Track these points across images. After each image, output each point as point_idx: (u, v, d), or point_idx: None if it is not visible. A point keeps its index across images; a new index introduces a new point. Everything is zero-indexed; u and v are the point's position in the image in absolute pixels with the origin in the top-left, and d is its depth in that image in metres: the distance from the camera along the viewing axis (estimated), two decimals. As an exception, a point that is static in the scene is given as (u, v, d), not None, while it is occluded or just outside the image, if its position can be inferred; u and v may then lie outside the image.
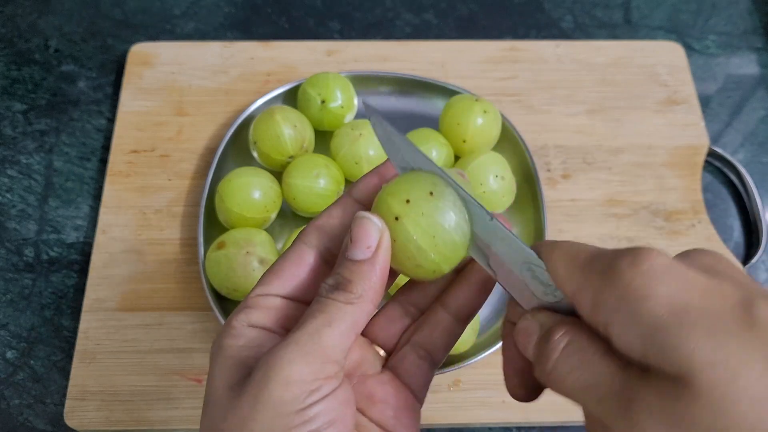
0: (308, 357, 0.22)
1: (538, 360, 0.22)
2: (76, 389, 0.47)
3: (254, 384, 0.22)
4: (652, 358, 0.18)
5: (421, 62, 0.60)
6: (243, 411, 0.21)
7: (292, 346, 0.22)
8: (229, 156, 0.54)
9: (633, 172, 0.56)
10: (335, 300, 0.23)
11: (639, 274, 0.19)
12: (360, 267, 0.23)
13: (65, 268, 0.52)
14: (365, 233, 0.23)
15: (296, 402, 0.21)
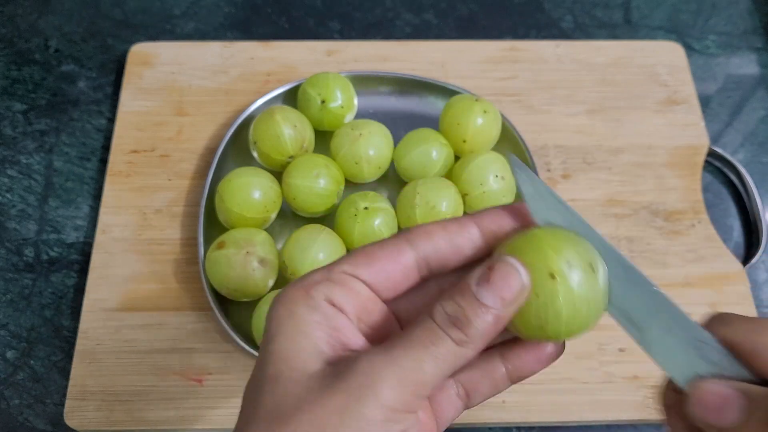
0: (407, 385, 0.21)
1: None
2: (76, 389, 0.47)
3: (347, 392, 0.21)
4: None
5: (421, 62, 0.60)
6: (324, 412, 0.20)
7: (396, 368, 0.21)
8: (229, 156, 0.54)
9: (633, 172, 0.56)
10: (448, 336, 0.21)
11: None
12: (485, 313, 0.21)
13: (65, 268, 0.52)
14: (507, 283, 0.22)
15: (384, 424, 0.20)
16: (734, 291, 0.51)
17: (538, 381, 0.47)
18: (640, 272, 0.23)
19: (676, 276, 0.51)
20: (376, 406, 0.20)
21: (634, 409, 0.47)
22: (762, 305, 0.52)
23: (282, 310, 0.23)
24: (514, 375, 0.25)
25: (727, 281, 0.51)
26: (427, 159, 0.51)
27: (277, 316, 0.23)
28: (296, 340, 0.22)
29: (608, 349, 0.48)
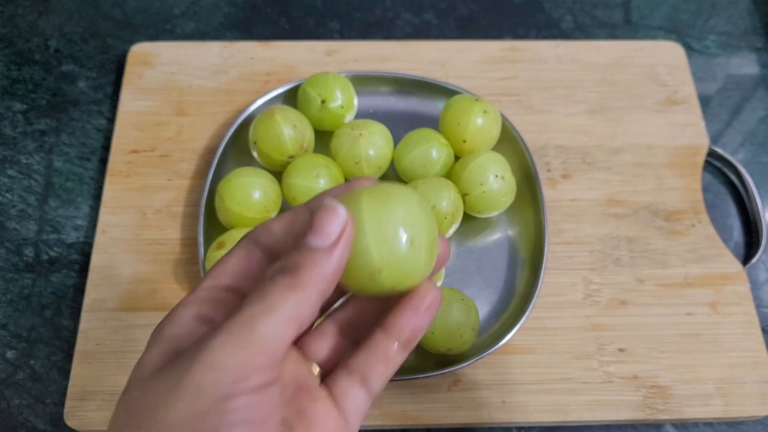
0: (239, 344, 0.20)
1: None
2: (76, 389, 0.47)
3: (177, 366, 0.20)
4: None
5: (421, 62, 0.60)
6: (159, 393, 0.20)
7: (223, 332, 0.20)
8: (229, 156, 0.54)
9: (633, 172, 0.56)
10: (277, 284, 0.21)
11: None
12: (314, 254, 0.21)
13: (65, 268, 0.52)
14: (330, 220, 0.21)
15: (217, 388, 0.19)
16: (734, 291, 0.51)
17: (538, 381, 0.48)
18: None
19: (676, 276, 0.51)
20: (206, 367, 0.19)
21: (634, 409, 0.47)
22: (762, 305, 0.52)
23: (152, 336, 0.23)
24: (403, 338, 0.24)
25: (727, 281, 0.51)
26: (427, 159, 0.51)
27: (148, 341, 0.23)
28: (158, 351, 0.22)
29: (608, 349, 0.48)
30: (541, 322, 0.49)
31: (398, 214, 0.23)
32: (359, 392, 0.24)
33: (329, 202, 0.22)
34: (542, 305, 0.49)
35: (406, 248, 0.23)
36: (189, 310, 0.23)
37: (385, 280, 0.23)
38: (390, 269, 0.23)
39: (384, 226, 0.23)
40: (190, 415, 0.19)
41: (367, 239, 0.22)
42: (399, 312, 0.24)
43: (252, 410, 0.20)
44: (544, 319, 0.49)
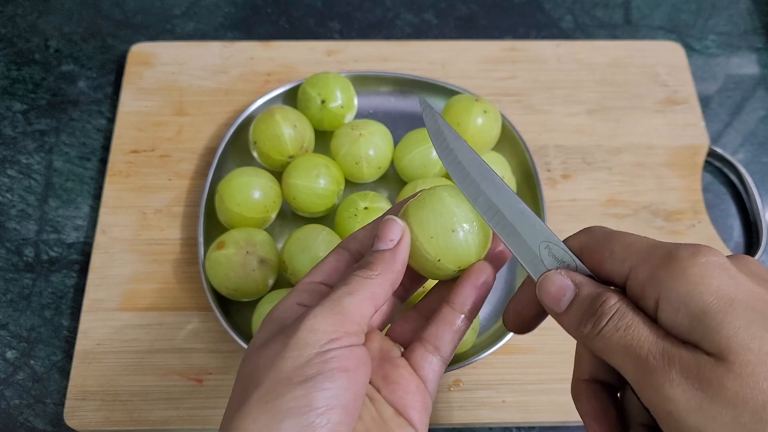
0: (331, 314, 0.26)
1: (586, 319, 0.25)
2: (76, 389, 0.47)
3: (285, 332, 0.26)
4: (695, 335, 0.22)
5: (421, 62, 0.60)
6: (273, 351, 0.25)
7: (319, 308, 0.26)
8: (229, 156, 0.54)
9: (633, 172, 0.56)
10: (357, 275, 0.28)
11: (696, 265, 0.23)
12: (382, 254, 0.28)
13: (65, 268, 0.52)
14: (389, 230, 0.29)
15: (317, 344, 0.25)
16: (734, 291, 0.51)
17: (538, 381, 0.48)
18: (510, 189, 0.29)
19: (676, 276, 0.51)
20: (308, 330, 0.25)
21: (634, 409, 0.47)
22: (762, 305, 0.52)
23: (264, 319, 0.29)
24: (465, 311, 0.30)
25: (727, 281, 0.51)
26: (427, 159, 0.51)
27: (261, 323, 0.29)
28: (268, 329, 0.28)
29: (608, 349, 0.48)
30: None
31: (433, 213, 0.29)
32: (433, 359, 0.30)
33: (387, 218, 0.29)
34: (542, 305, 0.49)
35: (451, 236, 0.29)
36: (292, 300, 0.29)
37: (447, 265, 0.29)
38: (446, 257, 0.29)
39: (426, 226, 0.29)
40: (298, 365, 0.25)
41: (419, 240, 0.29)
42: (460, 289, 0.30)
43: (344, 360, 0.25)
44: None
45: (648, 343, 0.23)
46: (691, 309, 0.22)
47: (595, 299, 0.25)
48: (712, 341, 0.22)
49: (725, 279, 0.22)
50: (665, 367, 0.22)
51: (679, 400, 0.22)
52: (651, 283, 0.24)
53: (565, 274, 0.27)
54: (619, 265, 0.25)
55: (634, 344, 0.23)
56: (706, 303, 0.22)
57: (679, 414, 0.22)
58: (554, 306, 0.27)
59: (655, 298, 0.23)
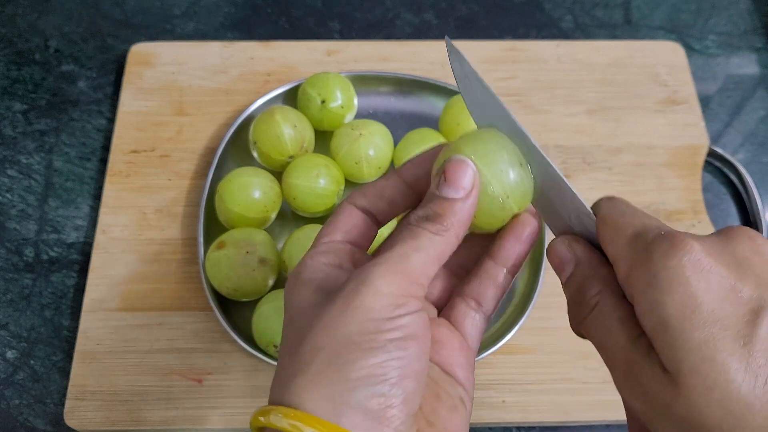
0: (397, 275, 0.23)
1: (572, 303, 0.25)
2: (76, 389, 0.47)
3: (345, 293, 0.23)
4: (656, 346, 0.21)
5: (421, 62, 0.60)
6: (332, 316, 0.23)
7: (383, 265, 0.24)
8: (229, 156, 0.54)
9: (633, 172, 0.56)
10: (425, 229, 0.25)
11: (667, 268, 0.21)
12: (453, 204, 0.25)
13: (65, 268, 0.52)
14: (462, 174, 0.25)
15: (384, 311, 0.23)
16: (734, 291, 0.51)
17: (538, 381, 0.47)
18: (544, 155, 0.27)
19: (676, 276, 0.51)
20: (373, 293, 0.23)
21: (634, 409, 0.47)
22: (762, 305, 0.52)
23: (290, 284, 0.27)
24: (510, 265, 0.28)
25: (727, 281, 0.51)
26: (427, 159, 0.51)
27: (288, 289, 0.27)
28: (306, 291, 0.26)
29: (608, 349, 0.48)
30: (541, 322, 0.49)
31: (498, 146, 0.26)
32: (475, 315, 0.28)
33: (457, 157, 0.25)
34: (542, 305, 0.49)
35: (519, 171, 0.26)
36: (317, 260, 0.27)
37: (512, 204, 0.26)
38: (514, 194, 0.26)
39: (493, 160, 0.26)
40: (366, 331, 0.22)
41: (486, 176, 0.25)
42: (503, 242, 0.28)
43: (414, 327, 0.23)
44: (544, 319, 0.49)
45: (617, 348, 0.23)
46: (655, 318, 0.21)
47: (581, 285, 0.25)
48: (667, 358, 0.21)
49: (695, 284, 0.21)
50: (625, 377, 0.22)
51: (634, 410, 0.22)
52: (627, 281, 0.23)
53: (568, 246, 0.26)
54: (609, 251, 0.24)
55: (605, 345, 0.23)
56: (668, 315, 0.21)
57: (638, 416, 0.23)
58: (558, 274, 0.26)
59: (630, 295, 0.23)
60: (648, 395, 0.21)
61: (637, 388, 0.22)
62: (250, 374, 0.47)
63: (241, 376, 0.47)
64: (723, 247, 0.22)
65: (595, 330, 0.24)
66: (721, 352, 0.20)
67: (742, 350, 0.20)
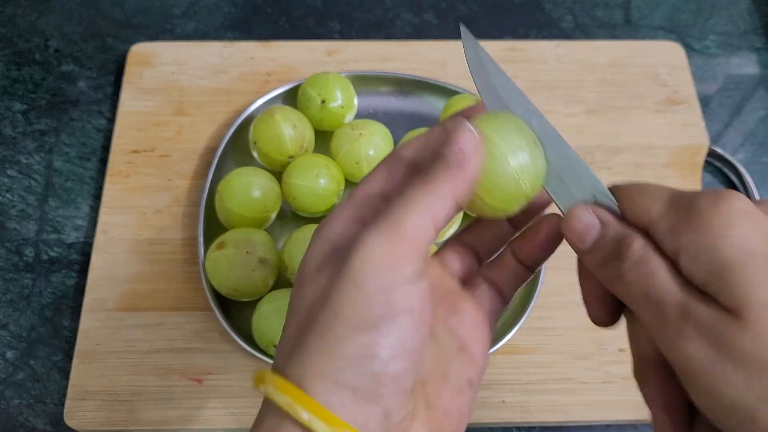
0: (389, 238, 0.23)
1: (610, 261, 0.24)
2: (76, 389, 0.47)
3: (337, 259, 0.23)
4: (713, 289, 0.21)
5: (421, 62, 0.60)
6: (326, 281, 0.23)
7: (373, 231, 0.23)
8: (229, 156, 0.54)
9: (633, 172, 0.56)
10: (415, 186, 0.24)
11: (718, 215, 0.22)
12: (448, 164, 0.24)
13: (65, 268, 0.52)
14: (463, 139, 0.24)
15: (376, 281, 0.22)
16: (734, 291, 0.51)
17: (538, 381, 0.47)
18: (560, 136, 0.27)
19: (676, 276, 0.51)
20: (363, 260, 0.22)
21: (634, 409, 0.47)
22: (762, 305, 0.52)
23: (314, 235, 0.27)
24: (529, 263, 0.29)
25: (727, 281, 0.51)
26: (427, 159, 0.51)
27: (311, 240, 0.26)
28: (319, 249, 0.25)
29: (608, 349, 0.48)
30: (541, 322, 0.49)
31: (515, 126, 0.26)
32: (496, 297, 0.29)
33: (463, 123, 0.25)
34: (542, 305, 0.49)
35: (533, 149, 0.26)
36: (345, 213, 0.26)
37: (526, 182, 0.26)
38: (528, 171, 0.26)
39: (510, 138, 0.25)
40: (357, 304, 0.22)
41: (502, 152, 0.25)
42: (525, 238, 0.28)
43: (409, 299, 0.22)
44: (544, 319, 0.49)
45: (667, 294, 0.22)
46: (710, 262, 0.21)
47: (620, 241, 0.24)
48: (728, 296, 0.21)
49: (748, 229, 0.21)
50: (680, 321, 0.21)
51: (692, 356, 0.21)
52: (672, 235, 0.23)
53: (592, 211, 0.25)
54: (642, 215, 0.24)
55: (653, 293, 0.22)
56: (726, 256, 0.21)
57: (692, 371, 0.21)
58: (579, 243, 0.25)
59: (676, 249, 0.22)
60: (711, 335, 0.21)
61: (696, 331, 0.21)
62: (250, 374, 0.47)
63: (241, 376, 0.47)
64: (765, 205, 0.23)
65: (643, 279, 0.23)
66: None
67: None
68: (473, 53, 0.29)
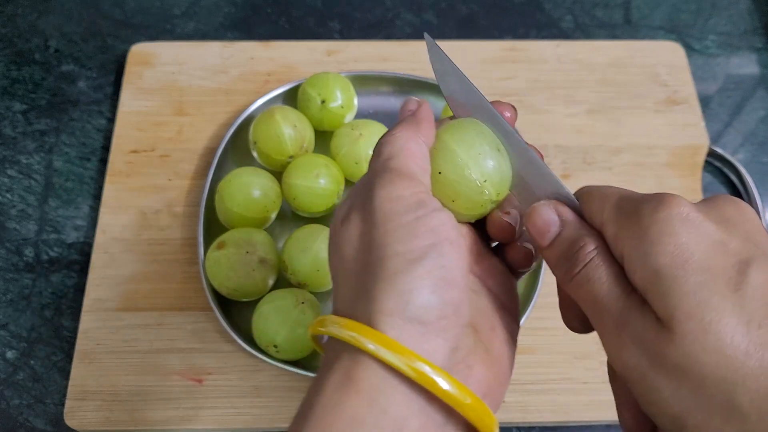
0: (397, 175, 0.24)
1: (563, 261, 0.25)
2: (76, 389, 0.47)
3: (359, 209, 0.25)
4: (649, 297, 0.21)
5: (421, 62, 0.60)
6: (357, 234, 0.24)
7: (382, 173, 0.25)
8: (229, 156, 0.54)
9: (633, 172, 0.56)
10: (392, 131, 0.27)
11: (656, 222, 0.22)
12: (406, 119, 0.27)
13: (65, 268, 0.52)
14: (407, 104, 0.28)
15: (408, 213, 0.23)
16: (734, 291, 0.51)
17: (538, 381, 0.47)
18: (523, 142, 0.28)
19: (676, 276, 0.51)
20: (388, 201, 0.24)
21: (634, 409, 0.47)
22: (762, 305, 0.52)
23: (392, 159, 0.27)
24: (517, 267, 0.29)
25: (727, 281, 0.51)
26: (427, 159, 0.51)
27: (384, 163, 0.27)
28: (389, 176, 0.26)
29: (608, 349, 0.48)
30: (541, 322, 0.49)
31: (476, 133, 0.27)
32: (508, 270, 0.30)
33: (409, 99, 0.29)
34: (542, 305, 0.49)
35: (497, 156, 0.27)
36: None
37: (491, 189, 0.27)
38: (491, 178, 0.27)
39: (471, 144, 0.27)
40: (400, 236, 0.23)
41: (462, 159, 0.26)
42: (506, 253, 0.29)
43: (445, 229, 0.24)
44: (544, 319, 0.49)
45: (608, 301, 0.23)
46: (647, 270, 0.21)
47: (574, 242, 0.24)
48: (659, 306, 0.21)
49: (685, 235, 0.21)
50: (618, 329, 0.22)
51: (628, 364, 0.22)
52: (616, 241, 0.23)
53: (553, 208, 0.26)
54: (595, 218, 0.25)
55: (598, 299, 0.23)
56: (660, 265, 0.21)
57: (629, 379, 0.22)
58: (539, 239, 0.26)
59: (620, 255, 0.23)
60: (642, 345, 0.21)
61: (630, 340, 0.22)
62: (250, 374, 0.47)
63: (241, 376, 0.47)
64: (709, 208, 0.22)
65: (588, 285, 0.23)
66: (714, 295, 0.20)
67: (734, 295, 0.20)
68: (437, 61, 0.30)
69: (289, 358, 0.46)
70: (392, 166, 0.25)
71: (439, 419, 0.22)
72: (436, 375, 0.21)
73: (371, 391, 0.22)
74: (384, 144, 0.26)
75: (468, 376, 0.24)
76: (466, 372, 0.24)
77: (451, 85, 0.29)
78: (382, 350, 0.21)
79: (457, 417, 0.23)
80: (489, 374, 0.25)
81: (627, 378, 0.22)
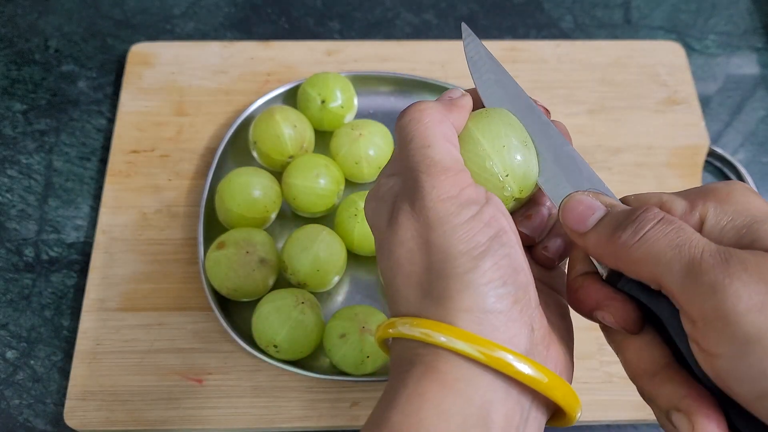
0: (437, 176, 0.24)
1: (619, 232, 0.23)
2: (76, 389, 0.47)
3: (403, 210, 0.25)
4: (746, 240, 0.22)
5: (421, 62, 0.60)
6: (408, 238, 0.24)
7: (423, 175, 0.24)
8: (229, 156, 0.54)
9: (633, 172, 0.56)
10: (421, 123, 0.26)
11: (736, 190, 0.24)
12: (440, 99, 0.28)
13: (65, 268, 0.52)
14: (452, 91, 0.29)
15: (463, 212, 0.23)
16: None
17: (538, 381, 0.47)
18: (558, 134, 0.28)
19: (676, 276, 0.51)
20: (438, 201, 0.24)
21: (634, 409, 0.47)
22: (762, 305, 0.52)
23: None
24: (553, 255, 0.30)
25: (727, 281, 0.51)
26: (427, 159, 0.51)
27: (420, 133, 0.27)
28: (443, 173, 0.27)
29: (608, 349, 0.48)
30: (541, 322, 0.49)
31: (504, 124, 0.26)
32: None
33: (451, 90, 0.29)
34: (542, 305, 0.49)
35: (523, 150, 0.26)
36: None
37: (512, 184, 0.26)
38: (514, 173, 0.26)
39: (496, 135, 0.26)
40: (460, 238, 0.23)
41: (486, 150, 0.25)
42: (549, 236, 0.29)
43: (499, 219, 0.24)
44: (544, 319, 0.49)
45: (702, 242, 0.22)
46: (739, 221, 0.23)
47: (633, 210, 0.24)
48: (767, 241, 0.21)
49: (762, 201, 0.23)
50: (724, 264, 0.21)
51: (740, 296, 0.20)
52: (693, 206, 0.24)
53: (593, 196, 0.25)
54: (651, 198, 0.25)
55: (686, 244, 0.22)
56: (755, 214, 0.23)
57: (736, 314, 0.20)
58: (579, 225, 0.25)
59: (698, 218, 0.24)
60: (757, 270, 0.20)
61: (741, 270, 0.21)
62: (250, 374, 0.47)
63: (241, 376, 0.47)
64: None
65: (671, 235, 0.22)
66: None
67: None
68: (473, 50, 0.30)
69: (289, 358, 0.46)
70: (433, 157, 0.25)
71: (525, 403, 0.23)
72: (518, 362, 0.22)
73: (456, 382, 0.22)
74: (412, 122, 0.26)
75: (546, 357, 0.24)
76: (545, 353, 0.24)
77: (485, 74, 0.30)
78: (465, 345, 0.22)
79: (541, 399, 0.23)
80: (561, 350, 0.25)
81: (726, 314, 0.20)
